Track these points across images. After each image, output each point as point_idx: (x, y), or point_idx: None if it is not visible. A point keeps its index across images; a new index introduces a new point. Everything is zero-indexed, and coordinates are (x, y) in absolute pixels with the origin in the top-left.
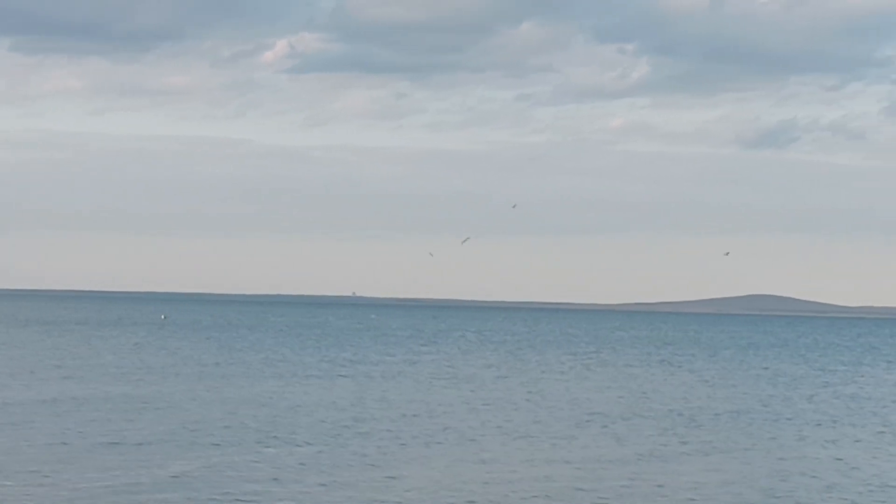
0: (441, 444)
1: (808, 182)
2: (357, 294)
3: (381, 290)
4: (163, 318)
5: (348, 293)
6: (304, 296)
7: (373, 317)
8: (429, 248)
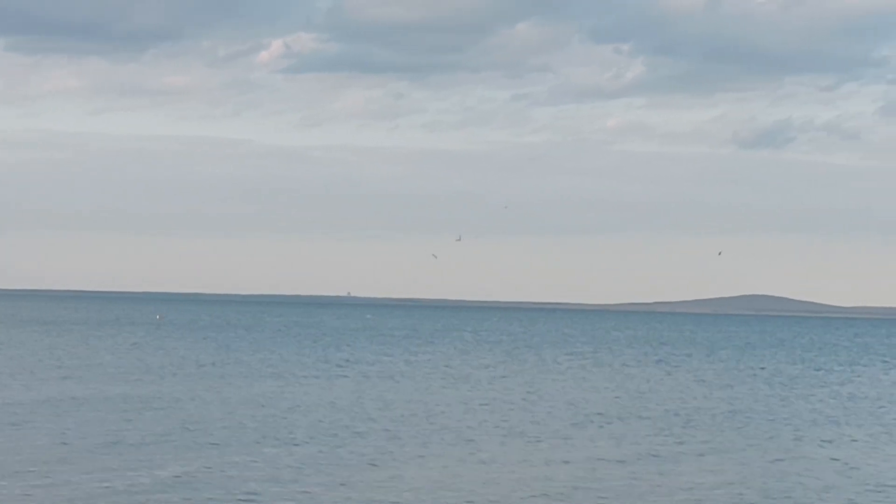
0: (439, 445)
1: (805, 182)
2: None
3: (377, 290)
4: (158, 318)
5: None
6: (299, 296)
7: (368, 317)
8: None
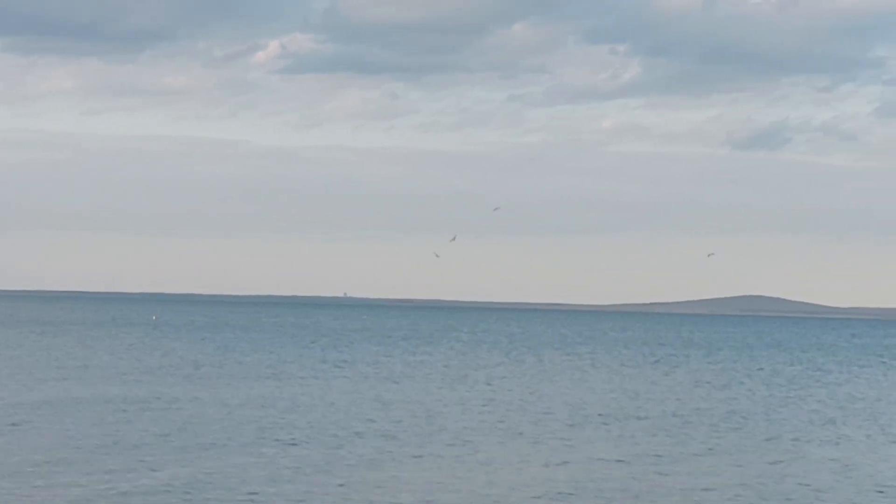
0: (438, 445)
1: (801, 183)
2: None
3: (373, 290)
4: (154, 318)
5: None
6: (295, 296)
7: (364, 318)
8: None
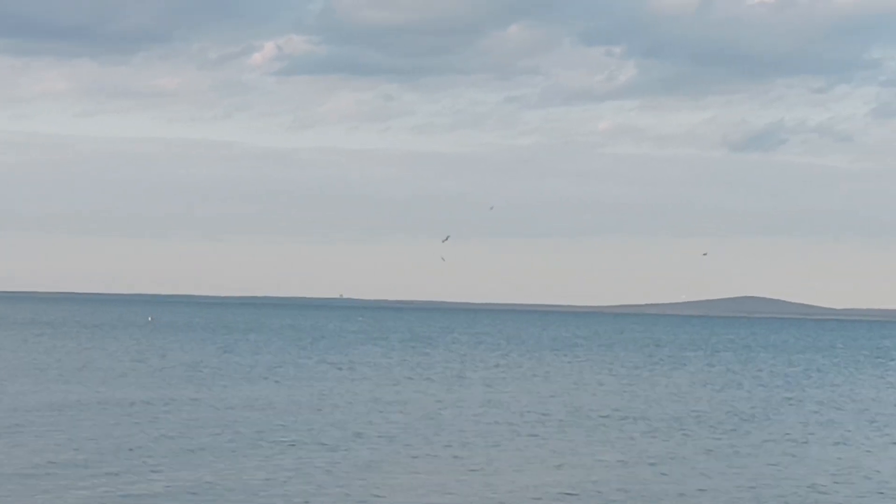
0: (436, 447)
1: (796, 184)
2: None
3: (369, 292)
4: (150, 319)
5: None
6: (291, 297)
7: (360, 319)
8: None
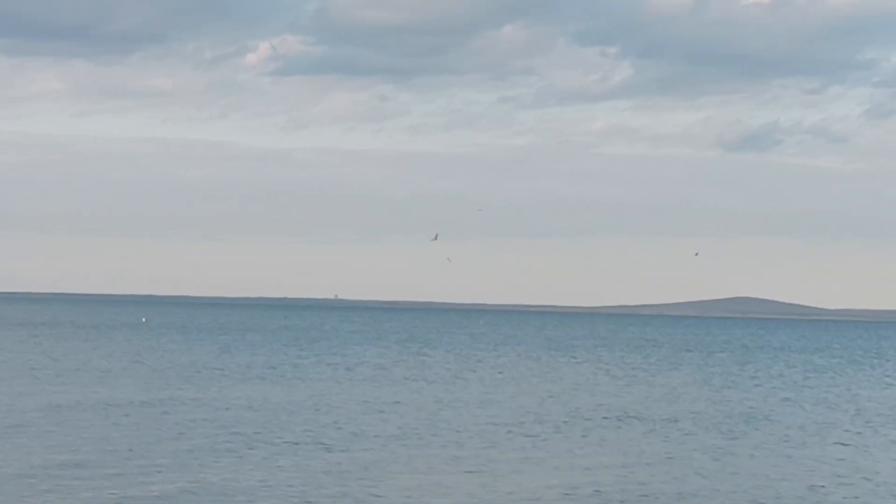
0: (434, 447)
1: (791, 185)
2: (339, 297)
3: (364, 292)
4: (144, 320)
5: (330, 296)
6: (285, 298)
7: (356, 320)
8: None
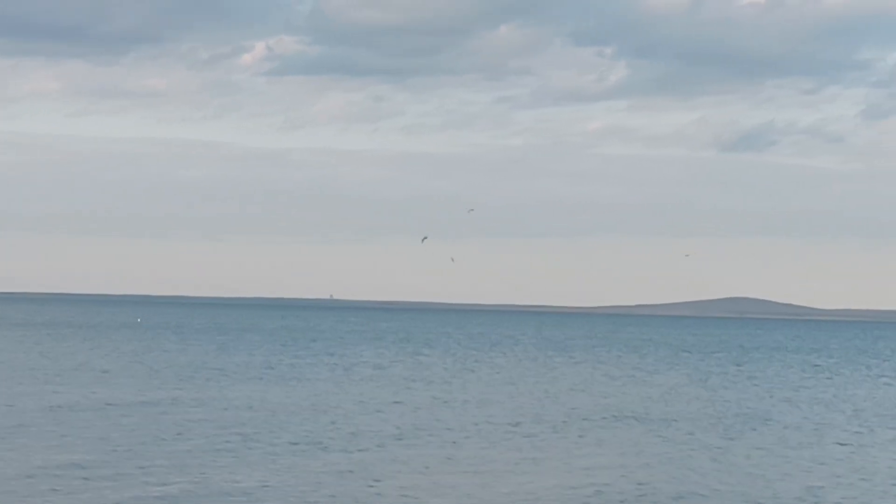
0: (432, 448)
1: (787, 185)
2: (334, 297)
3: (359, 292)
4: (138, 321)
5: (326, 296)
6: (281, 298)
7: (352, 320)
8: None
